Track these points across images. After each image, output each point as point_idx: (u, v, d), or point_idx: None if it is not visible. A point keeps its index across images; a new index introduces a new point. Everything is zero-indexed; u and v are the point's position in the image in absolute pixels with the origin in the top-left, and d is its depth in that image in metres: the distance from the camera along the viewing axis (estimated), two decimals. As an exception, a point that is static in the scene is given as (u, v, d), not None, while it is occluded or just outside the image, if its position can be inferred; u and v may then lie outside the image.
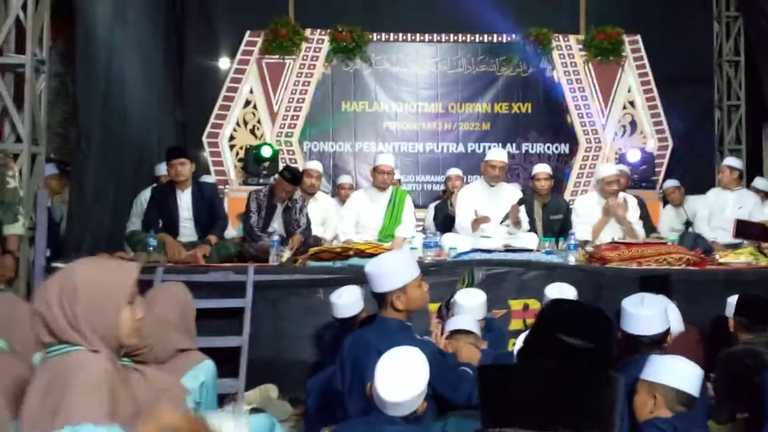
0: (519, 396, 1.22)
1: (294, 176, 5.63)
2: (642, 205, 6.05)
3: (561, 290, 3.68)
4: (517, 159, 8.52)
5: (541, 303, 3.83)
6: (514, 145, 8.50)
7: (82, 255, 4.86)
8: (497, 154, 5.84)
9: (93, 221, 5.47)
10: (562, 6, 8.73)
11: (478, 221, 5.49)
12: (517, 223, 5.57)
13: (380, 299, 2.83)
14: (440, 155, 8.53)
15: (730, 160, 6.62)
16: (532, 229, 6.01)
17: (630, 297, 2.76)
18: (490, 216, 5.58)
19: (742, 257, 5.21)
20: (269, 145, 7.70)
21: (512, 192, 5.89)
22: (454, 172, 7.07)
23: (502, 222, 5.60)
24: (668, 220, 7.06)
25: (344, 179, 7.45)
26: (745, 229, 5.25)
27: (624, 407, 2.30)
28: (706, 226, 6.30)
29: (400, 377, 2.30)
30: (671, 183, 7.31)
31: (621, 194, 5.83)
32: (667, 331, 2.81)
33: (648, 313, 2.74)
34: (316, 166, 6.53)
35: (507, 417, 1.22)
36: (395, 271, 2.82)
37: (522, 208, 5.66)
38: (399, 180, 7.55)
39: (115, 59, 5.86)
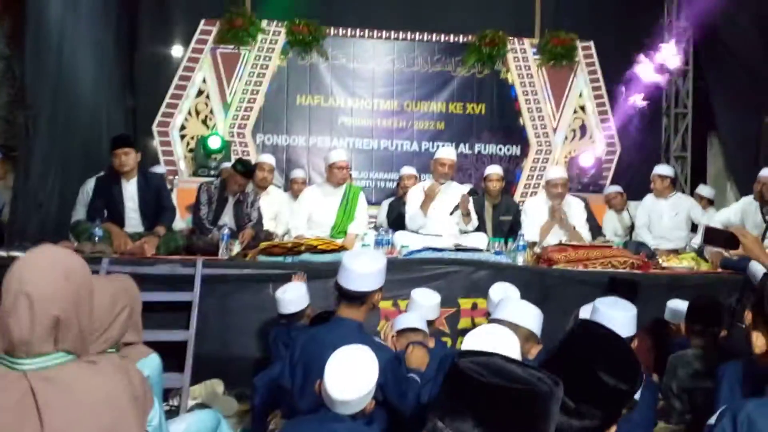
0: (498, 411, 1.18)
1: (246, 169, 5.57)
2: (587, 208, 6.16)
3: (505, 290, 3.70)
4: (469, 159, 8.61)
5: (487, 303, 3.83)
6: (467, 145, 8.58)
7: (27, 242, 4.74)
8: (446, 152, 5.87)
9: (38, 208, 5.32)
10: (518, 10, 8.85)
11: (426, 197, 5.55)
12: (467, 215, 5.61)
13: (356, 298, 2.81)
14: (394, 152, 8.55)
15: (660, 169, 6.61)
16: (483, 229, 6.06)
17: (603, 298, 2.75)
18: (438, 214, 5.63)
19: (685, 262, 5.35)
20: (217, 135, 7.62)
21: (461, 190, 5.93)
22: (408, 171, 7.07)
23: (452, 213, 5.64)
24: (611, 226, 7.18)
25: (297, 173, 7.40)
26: (713, 236, 5.37)
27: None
28: (647, 234, 6.43)
29: (349, 376, 2.30)
30: (613, 189, 7.42)
31: (567, 197, 5.91)
32: (633, 337, 2.76)
33: (622, 315, 2.68)
34: (268, 159, 6.48)
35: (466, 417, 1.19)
36: (382, 269, 2.87)
37: (471, 200, 5.71)
38: (351, 176, 7.56)
39: (65, 42, 5.71)
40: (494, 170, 6.45)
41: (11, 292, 1.62)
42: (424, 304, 3.73)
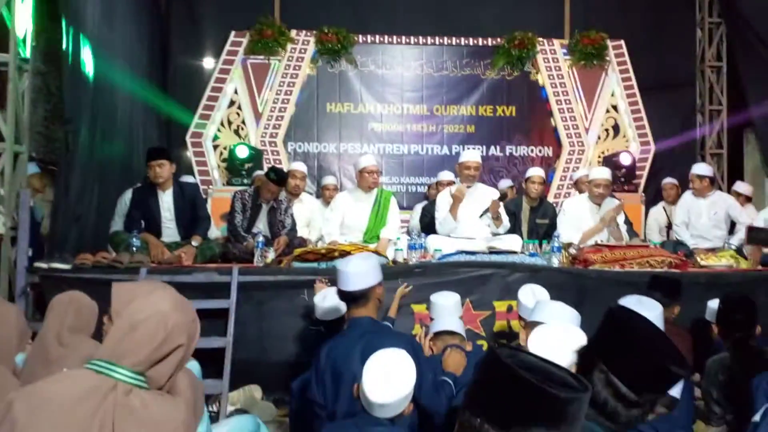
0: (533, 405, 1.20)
1: (279, 177, 5.62)
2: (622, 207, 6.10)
3: (533, 292, 3.69)
4: (501, 161, 8.57)
5: (517, 305, 3.82)
6: (497, 147, 8.55)
7: (66, 254, 4.83)
8: (470, 155, 5.90)
9: (77, 220, 5.42)
10: (547, 11, 8.79)
11: (454, 199, 5.59)
12: (497, 218, 5.61)
13: (360, 297, 2.92)
14: (425, 157, 8.55)
15: (698, 168, 6.51)
16: (518, 230, 6.06)
17: (627, 297, 2.75)
18: (469, 217, 5.66)
19: (723, 260, 5.26)
20: (246, 144, 7.70)
21: (489, 193, 5.94)
22: (446, 176, 7.09)
23: (481, 216, 5.66)
24: (657, 219, 7.14)
25: (329, 180, 7.45)
26: (757, 235, 5.28)
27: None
28: (685, 233, 6.34)
29: (388, 379, 2.30)
30: (669, 180, 7.38)
31: (610, 198, 5.88)
32: None
33: (647, 315, 2.68)
34: (300, 167, 6.53)
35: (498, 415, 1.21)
36: (376, 265, 3.00)
37: (501, 204, 5.72)
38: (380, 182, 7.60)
39: (100, 56, 5.81)
40: (536, 172, 6.48)
41: (144, 312, 1.70)
42: (446, 304, 3.75)
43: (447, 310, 3.72)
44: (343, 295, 2.96)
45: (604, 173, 5.88)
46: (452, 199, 5.67)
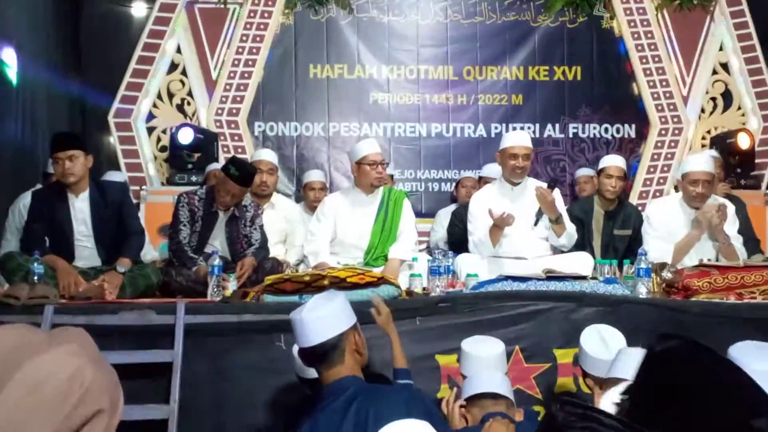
0: None
1: (243, 173, 5.62)
2: (742, 212, 6.07)
3: (603, 337, 3.66)
4: (561, 146, 8.58)
5: (580, 355, 3.80)
6: (557, 126, 8.56)
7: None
8: (518, 138, 5.93)
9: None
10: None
11: (497, 223, 5.59)
12: (556, 220, 5.64)
13: (329, 352, 3.00)
14: (451, 141, 8.59)
15: None
16: (588, 245, 6.05)
17: (739, 345, 2.73)
18: (519, 227, 5.68)
19: None
20: (194, 126, 7.72)
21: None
22: (489, 172, 7.13)
23: (536, 223, 5.71)
24: None
25: (314, 176, 7.46)
26: None
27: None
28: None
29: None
30: None
31: (713, 198, 5.83)
32: None
33: None
34: (269, 156, 6.57)
35: None
36: (341, 305, 3.09)
37: (557, 192, 5.80)
38: (392, 176, 7.60)
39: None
40: (614, 162, 6.50)
41: (47, 368, 1.67)
42: (483, 355, 3.74)
43: (486, 362, 3.71)
44: (306, 355, 3.07)
45: (702, 163, 5.82)
46: (493, 219, 5.65)
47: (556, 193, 5.84)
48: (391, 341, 3.93)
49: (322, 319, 2.99)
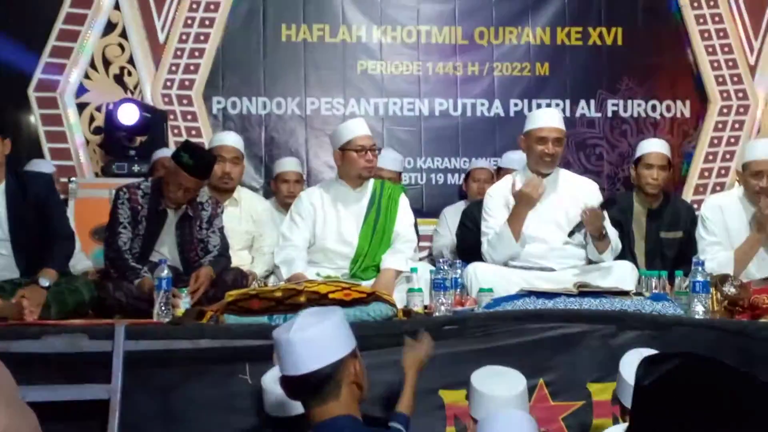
0: None
1: (199, 161, 5.61)
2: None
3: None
4: (598, 127, 8.59)
5: (617, 388, 3.83)
6: (592, 103, 8.58)
7: None
8: (548, 117, 5.97)
9: None
10: None
11: (520, 203, 5.68)
12: (600, 238, 5.61)
13: (323, 384, 2.97)
14: (460, 122, 8.62)
15: None
16: (629, 253, 6.05)
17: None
18: (541, 228, 5.75)
19: None
20: (137, 102, 7.70)
21: (581, 187, 6.00)
22: (509, 163, 7.19)
23: (571, 234, 5.70)
24: None
25: (287, 165, 7.50)
26: None
27: None
28: None
29: None
30: None
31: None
32: None
33: None
34: (232, 141, 6.60)
35: None
36: (337, 323, 3.08)
37: (606, 216, 5.71)
38: (400, 174, 7.59)
39: None
40: (654, 147, 6.52)
41: None
42: (498, 393, 3.74)
43: (502, 401, 3.71)
44: (291, 386, 3.03)
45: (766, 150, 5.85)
46: (515, 200, 5.69)
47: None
48: (406, 383, 3.95)
49: (316, 341, 2.95)
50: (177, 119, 8.18)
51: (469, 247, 6.28)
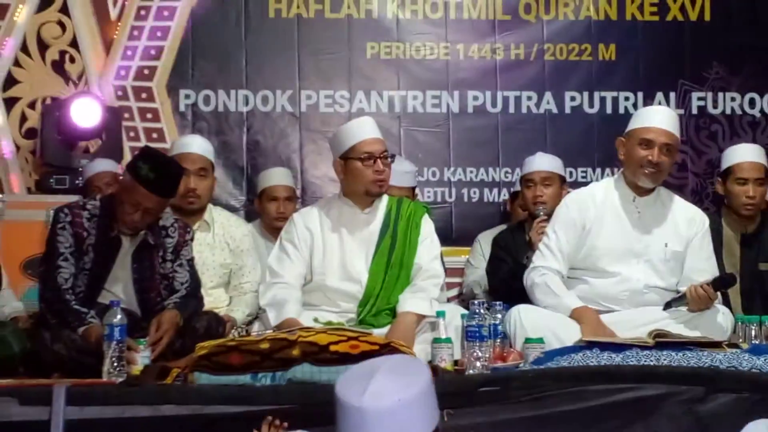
0: None
1: (163, 175, 5.64)
2: None
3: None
4: (680, 128, 8.54)
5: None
6: (671, 96, 8.64)
7: None
8: (660, 117, 5.94)
9: None
10: None
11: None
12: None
13: None
14: (500, 121, 8.67)
15: None
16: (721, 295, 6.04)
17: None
18: (621, 263, 5.74)
19: None
20: (84, 98, 7.70)
21: (685, 215, 5.99)
22: (541, 165, 7.12)
23: (666, 308, 5.68)
24: None
25: (275, 178, 7.53)
26: None
27: None
28: None
29: None
30: None
31: None
32: None
33: None
34: (200, 147, 6.62)
35: None
36: (425, 392, 2.98)
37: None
38: (414, 190, 7.51)
39: None
40: (747, 156, 6.57)
41: None
42: None
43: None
44: None
45: None
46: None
47: None
48: None
49: (399, 415, 2.89)
50: (133, 118, 8.20)
51: (503, 286, 6.29)
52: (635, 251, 5.77)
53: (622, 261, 5.76)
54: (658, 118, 5.92)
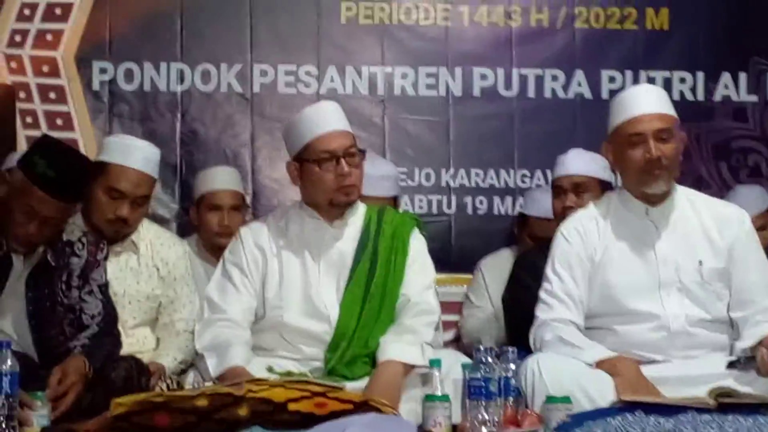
0: None
1: (65, 171, 5.66)
2: None
3: None
4: (752, 120, 8.65)
5: None
6: (741, 78, 8.66)
7: None
8: (641, 100, 5.95)
9: None
10: None
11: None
12: None
13: None
14: (516, 107, 8.76)
15: None
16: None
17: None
18: (653, 298, 5.75)
19: None
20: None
21: (720, 217, 6.00)
22: (574, 167, 7.19)
23: (731, 366, 5.67)
24: None
25: (218, 180, 7.60)
26: None
27: None
28: None
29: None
30: None
31: None
32: None
33: None
34: (144, 161, 6.47)
35: None
36: None
37: None
38: (396, 199, 7.53)
39: None
40: None
41: None
42: None
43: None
44: None
45: None
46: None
47: None
48: None
49: None
50: (32, 99, 8.22)
51: (524, 323, 6.24)
52: (663, 280, 5.76)
53: (649, 296, 5.75)
54: (639, 101, 5.94)
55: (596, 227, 5.94)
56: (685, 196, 6.04)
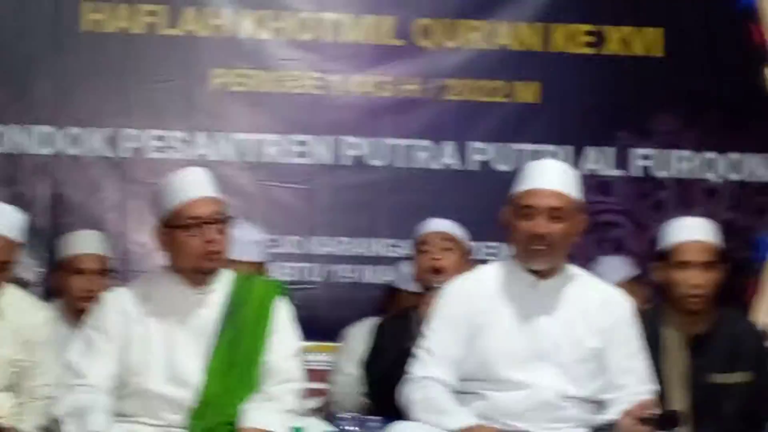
0: None
1: None
2: None
3: None
4: (616, 195, 8.68)
5: None
6: (609, 153, 8.67)
7: None
8: (543, 174, 6.00)
9: None
10: None
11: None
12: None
13: None
14: (385, 178, 8.78)
15: None
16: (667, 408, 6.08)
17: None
18: (527, 369, 5.75)
19: None
20: None
21: (600, 299, 6.03)
22: (440, 226, 7.22)
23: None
24: None
25: (84, 244, 7.55)
26: None
27: None
28: None
29: None
30: None
31: None
32: None
33: None
34: (8, 225, 6.45)
35: None
36: None
37: None
38: (261, 266, 7.48)
39: None
40: (692, 233, 6.63)
41: None
42: None
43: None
44: None
45: None
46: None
47: None
48: None
49: None
50: None
51: (383, 385, 6.29)
52: (542, 352, 5.76)
53: (525, 366, 5.74)
54: (541, 175, 5.98)
55: (481, 291, 5.95)
56: (574, 275, 6.07)
